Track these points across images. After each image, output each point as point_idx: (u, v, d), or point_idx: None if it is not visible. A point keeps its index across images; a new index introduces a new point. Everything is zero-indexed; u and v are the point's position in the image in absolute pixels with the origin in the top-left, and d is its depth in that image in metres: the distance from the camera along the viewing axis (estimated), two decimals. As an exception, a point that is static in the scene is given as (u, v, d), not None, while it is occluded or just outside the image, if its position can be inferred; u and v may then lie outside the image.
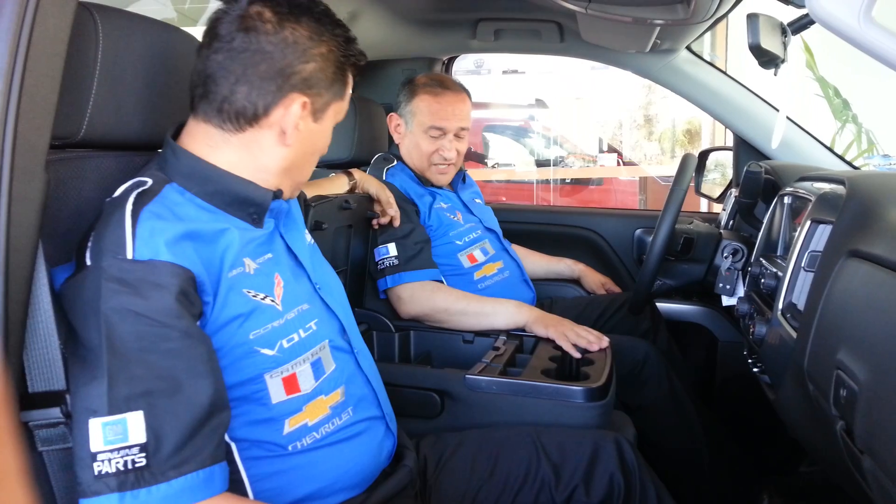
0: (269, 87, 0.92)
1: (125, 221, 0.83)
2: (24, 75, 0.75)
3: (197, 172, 0.93)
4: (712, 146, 3.89)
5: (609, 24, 1.66)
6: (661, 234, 1.69)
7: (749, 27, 1.27)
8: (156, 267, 0.81)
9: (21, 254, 0.77)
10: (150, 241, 0.82)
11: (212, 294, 0.86)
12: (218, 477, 0.80)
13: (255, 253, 0.95)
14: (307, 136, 0.99)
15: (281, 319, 0.93)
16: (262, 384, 0.91)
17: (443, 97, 1.87)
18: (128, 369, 0.77)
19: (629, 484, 1.10)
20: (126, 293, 0.79)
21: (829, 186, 1.20)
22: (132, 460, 0.75)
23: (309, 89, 0.95)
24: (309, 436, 0.95)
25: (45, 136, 0.79)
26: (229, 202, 0.94)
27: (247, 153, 0.95)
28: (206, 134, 0.95)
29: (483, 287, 1.86)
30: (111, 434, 0.75)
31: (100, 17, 0.91)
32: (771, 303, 1.24)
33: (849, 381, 0.79)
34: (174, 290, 0.81)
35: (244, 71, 0.91)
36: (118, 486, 0.74)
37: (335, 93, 1.00)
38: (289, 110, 0.94)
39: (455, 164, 1.93)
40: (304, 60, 0.93)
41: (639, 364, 1.72)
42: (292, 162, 0.99)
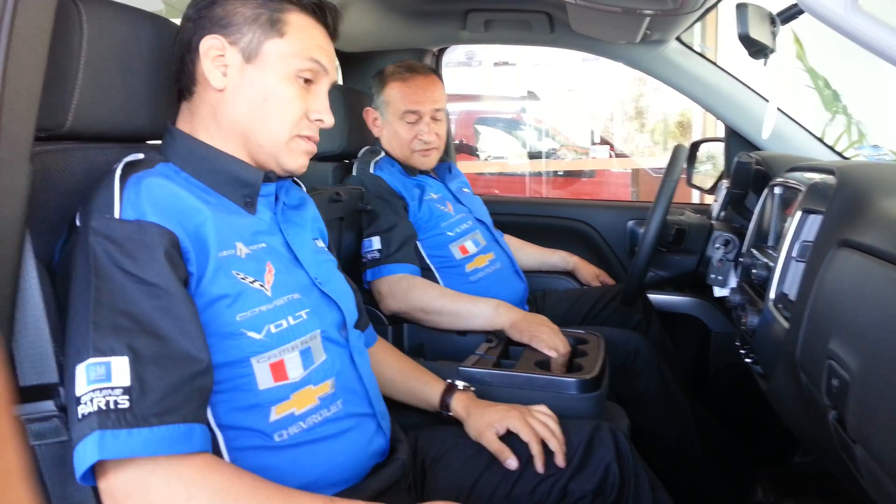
0: (185, 40, 0.97)
1: (114, 184, 0.86)
2: (6, 66, 0.73)
3: (193, 152, 0.97)
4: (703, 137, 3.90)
5: (599, 14, 1.65)
6: (652, 226, 1.69)
7: (738, 17, 1.27)
8: (142, 227, 0.84)
9: (7, 246, 0.76)
10: (137, 203, 0.85)
11: (196, 267, 0.87)
12: (198, 434, 0.80)
13: (249, 240, 0.96)
14: (248, 82, 0.97)
15: (269, 304, 0.93)
16: (249, 368, 0.90)
17: (412, 81, 1.87)
18: (114, 320, 0.78)
19: (623, 474, 1.10)
20: (114, 250, 0.81)
21: (820, 176, 1.20)
22: (115, 401, 0.75)
23: (223, 29, 0.96)
24: (296, 425, 0.94)
25: (30, 128, 0.78)
26: (224, 181, 0.97)
27: (200, 119, 0.99)
28: (183, 117, 1.01)
29: (475, 279, 1.86)
30: (94, 374, 0.76)
31: (84, 6, 0.89)
32: (762, 293, 1.24)
33: (840, 370, 0.79)
34: (161, 250, 0.83)
35: (177, 40, 0.99)
36: (99, 424, 0.74)
37: (264, 30, 0.97)
38: (206, 56, 0.96)
39: (437, 147, 1.92)
40: (208, 3, 0.97)
41: (631, 355, 1.72)
42: (237, 114, 0.98)
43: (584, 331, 1.59)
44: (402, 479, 1.07)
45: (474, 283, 1.84)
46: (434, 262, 1.83)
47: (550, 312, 1.99)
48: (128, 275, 0.81)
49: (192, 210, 0.90)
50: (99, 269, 0.80)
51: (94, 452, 0.73)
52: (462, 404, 1.21)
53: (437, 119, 1.90)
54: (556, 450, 1.10)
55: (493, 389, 1.33)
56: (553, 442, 1.11)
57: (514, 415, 1.14)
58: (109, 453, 0.74)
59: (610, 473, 1.10)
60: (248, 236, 0.96)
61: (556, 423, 1.15)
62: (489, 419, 1.15)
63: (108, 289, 0.79)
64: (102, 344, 0.77)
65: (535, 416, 1.14)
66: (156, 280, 0.81)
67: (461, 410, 1.21)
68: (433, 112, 1.88)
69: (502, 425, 1.13)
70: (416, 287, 1.67)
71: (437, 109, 1.89)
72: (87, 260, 0.81)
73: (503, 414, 1.15)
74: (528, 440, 1.10)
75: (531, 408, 1.17)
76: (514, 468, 1.09)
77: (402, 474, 1.07)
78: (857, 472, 0.80)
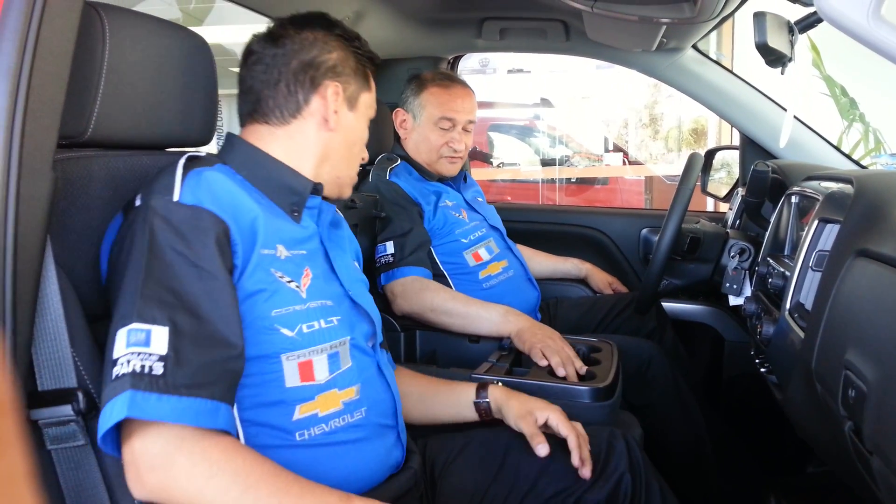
0: (303, 79, 1.06)
1: (176, 171, 0.93)
2: (31, 75, 0.75)
3: (250, 158, 1.04)
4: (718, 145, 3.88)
5: (615, 22, 1.65)
6: (667, 234, 1.69)
7: (756, 26, 1.27)
8: (198, 212, 0.89)
9: (29, 252, 0.77)
10: (196, 191, 0.91)
11: (241, 260, 0.92)
12: (224, 414, 0.82)
13: (290, 245, 1.00)
14: (346, 123, 1.11)
15: (303, 305, 0.97)
16: (279, 364, 0.93)
17: (452, 90, 1.92)
18: (160, 293, 0.82)
19: (636, 484, 1.10)
20: (169, 230, 0.86)
21: (837, 185, 1.19)
22: (150, 366, 0.78)
23: (338, 76, 1.09)
24: (318, 426, 0.95)
25: (53, 136, 0.80)
26: (275, 187, 1.03)
27: (292, 143, 1.07)
28: (258, 132, 1.07)
29: (488, 286, 1.86)
30: (133, 338, 0.79)
31: (107, 16, 0.91)
32: (778, 302, 1.24)
33: (857, 381, 0.79)
34: (212, 237, 0.88)
35: (280, 72, 1.06)
36: (132, 385, 0.76)
37: (361, 83, 1.13)
38: (326, 97, 1.07)
39: (463, 157, 1.96)
40: (326, 52, 1.08)
41: (644, 364, 1.71)
42: (333, 149, 1.10)
43: (597, 339, 1.59)
44: (414, 488, 1.07)
45: (487, 290, 1.85)
46: (448, 269, 1.83)
47: (563, 320, 1.99)
48: (179, 255, 0.85)
49: (245, 206, 0.96)
50: (154, 244, 0.85)
51: (122, 410, 0.75)
52: (500, 392, 1.21)
53: (467, 130, 1.94)
54: (586, 459, 1.09)
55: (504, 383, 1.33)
56: (585, 450, 1.10)
57: (555, 408, 1.15)
58: (137, 413, 0.76)
59: (622, 483, 1.09)
60: (290, 241, 1.00)
61: (587, 442, 1.13)
62: (531, 406, 1.16)
63: (158, 264, 0.84)
64: (146, 313, 0.80)
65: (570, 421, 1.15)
66: (204, 264, 0.86)
67: (499, 398, 1.20)
68: (466, 123, 1.93)
69: (542, 415, 1.14)
70: (428, 288, 1.68)
71: (470, 121, 1.94)
72: (143, 235, 0.85)
73: (545, 405, 1.16)
74: (568, 434, 1.10)
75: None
76: (543, 454, 1.09)
77: (414, 483, 1.07)
78: (873, 483, 0.79)
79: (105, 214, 0.96)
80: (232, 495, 0.78)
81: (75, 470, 0.82)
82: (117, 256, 0.89)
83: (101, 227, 0.95)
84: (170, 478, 0.77)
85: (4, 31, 0.74)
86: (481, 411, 1.21)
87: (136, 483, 0.78)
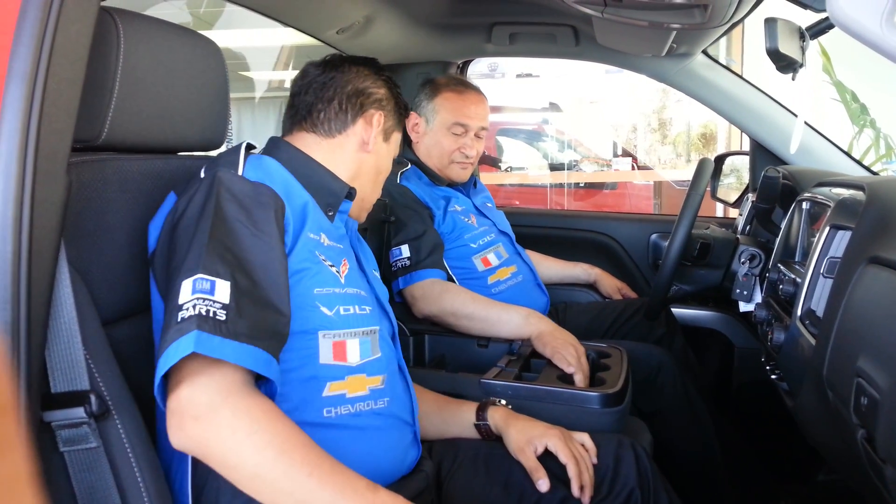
0: (354, 102, 1.18)
1: (240, 152, 1.03)
2: (46, 79, 0.75)
3: (294, 157, 1.13)
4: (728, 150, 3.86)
5: (625, 27, 1.65)
6: (677, 239, 1.68)
7: (767, 32, 1.27)
8: (258, 187, 0.97)
9: (43, 255, 0.77)
10: (257, 170, 1.01)
11: (292, 238, 0.99)
12: (275, 368, 0.86)
13: (331, 236, 1.08)
14: (379, 151, 1.21)
15: (341, 289, 1.04)
16: (315, 341, 0.98)
17: (466, 95, 1.92)
18: (223, 252, 0.87)
19: (644, 493, 1.09)
20: (233, 201, 0.93)
21: (849, 192, 1.19)
22: (214, 311, 0.82)
23: (382, 108, 1.21)
24: (344, 406, 0.99)
25: (67, 140, 0.80)
26: (316, 185, 1.11)
27: (332, 155, 1.17)
28: (304, 139, 1.17)
29: (497, 291, 1.86)
30: (199, 286, 0.84)
31: (121, 21, 0.92)
32: (789, 309, 1.23)
33: (870, 388, 0.78)
34: (271, 211, 0.95)
35: (335, 92, 1.18)
36: (198, 325, 0.80)
37: (397, 122, 1.25)
38: (370, 122, 1.18)
39: (474, 163, 1.96)
40: (376, 86, 1.21)
41: (654, 370, 1.71)
42: (365, 170, 1.20)
43: (606, 344, 1.58)
44: (426, 491, 1.07)
45: (496, 295, 1.85)
46: (457, 274, 1.83)
47: (572, 325, 1.98)
48: (240, 223, 0.91)
49: (297, 192, 1.05)
50: (218, 210, 0.91)
51: (189, 346, 0.79)
52: (500, 415, 1.21)
53: (479, 136, 1.95)
54: (587, 485, 1.08)
55: (514, 402, 1.33)
56: (585, 477, 1.09)
57: (554, 433, 1.13)
58: (204, 349, 0.80)
59: (632, 498, 1.09)
60: (329, 233, 1.08)
61: (593, 455, 1.13)
62: (529, 435, 1.14)
63: (221, 226, 0.90)
64: (210, 266, 0.85)
65: (574, 442, 1.14)
66: (263, 235, 0.92)
67: (499, 423, 1.20)
68: (479, 129, 1.93)
69: (542, 442, 1.13)
70: (448, 291, 1.68)
71: (482, 128, 1.94)
72: (207, 200, 0.92)
73: (543, 430, 1.14)
74: (566, 461, 1.09)
75: (573, 434, 1.16)
76: (544, 490, 1.08)
77: (426, 486, 1.07)
78: (885, 491, 0.79)
79: (118, 218, 0.97)
80: (267, 455, 0.79)
81: (88, 472, 0.82)
82: (176, 220, 0.94)
83: (115, 230, 0.96)
84: (212, 429, 0.80)
85: (21, 35, 0.74)
86: (482, 433, 1.22)
87: (178, 431, 0.81)
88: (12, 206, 0.74)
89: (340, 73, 1.19)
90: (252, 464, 0.79)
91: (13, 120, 0.74)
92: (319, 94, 1.17)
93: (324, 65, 1.21)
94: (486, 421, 1.21)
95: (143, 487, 0.83)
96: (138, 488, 0.83)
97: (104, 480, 0.82)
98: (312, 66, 1.21)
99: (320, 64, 1.21)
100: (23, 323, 0.75)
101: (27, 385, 0.76)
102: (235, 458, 0.80)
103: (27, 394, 0.76)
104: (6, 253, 0.74)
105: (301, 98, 1.19)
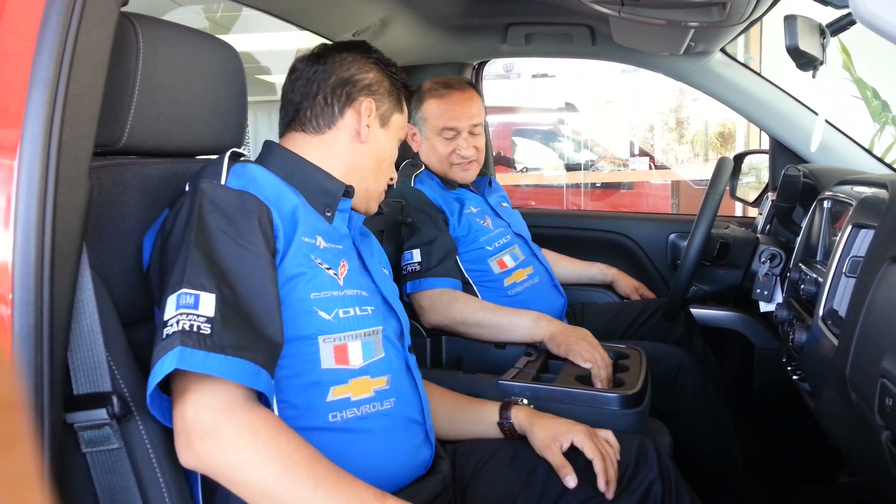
0: (340, 93, 1.14)
1: (223, 162, 1.01)
2: (68, 85, 0.76)
3: (287, 160, 1.11)
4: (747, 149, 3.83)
5: (642, 26, 1.64)
6: (696, 239, 1.67)
7: (787, 29, 1.25)
8: (243, 196, 0.96)
9: (65, 258, 0.78)
10: (241, 179, 0.99)
11: (283, 244, 0.98)
12: (265, 379, 0.85)
13: (327, 238, 1.06)
14: (376, 139, 1.17)
15: (340, 291, 1.02)
16: (315, 346, 0.98)
17: (449, 97, 1.87)
18: (208, 264, 0.87)
19: (666, 493, 1.08)
20: (215, 211, 0.92)
21: (871, 190, 1.17)
22: (198, 326, 0.82)
23: (373, 94, 1.16)
24: (350, 410, 0.98)
25: (89, 144, 0.81)
26: (311, 188, 1.09)
27: (326, 151, 1.14)
28: (295, 140, 1.15)
29: (514, 294, 1.85)
30: (183, 301, 0.84)
31: (140, 26, 0.93)
32: (811, 309, 1.22)
33: (894, 389, 0.77)
34: (256, 219, 0.94)
35: (319, 86, 1.14)
36: (181, 342, 0.80)
37: (394, 104, 1.20)
38: (359, 112, 1.14)
39: (476, 160, 1.91)
40: (364, 71, 1.16)
41: (673, 371, 1.69)
42: (363, 161, 1.16)
43: (625, 345, 1.58)
44: (443, 493, 1.07)
45: (513, 297, 1.84)
46: (473, 277, 1.83)
47: (590, 326, 1.97)
48: (224, 234, 0.91)
49: (287, 196, 1.03)
50: (201, 223, 0.90)
51: (172, 363, 0.80)
52: (524, 414, 1.20)
53: (474, 133, 1.89)
54: (612, 480, 1.07)
55: (533, 403, 1.32)
56: (611, 472, 1.08)
57: (580, 429, 1.13)
58: (186, 365, 0.80)
59: (652, 492, 1.08)
60: (327, 235, 1.06)
61: (617, 452, 1.12)
62: (555, 432, 1.13)
63: (205, 240, 0.89)
64: (194, 280, 0.85)
65: (599, 439, 1.13)
66: (247, 244, 0.92)
67: (523, 421, 1.19)
68: (470, 127, 1.88)
69: (567, 439, 1.12)
70: (457, 300, 1.67)
71: (474, 125, 1.88)
72: (191, 214, 0.91)
73: (569, 427, 1.14)
74: (593, 457, 1.09)
75: (597, 431, 1.15)
76: (572, 486, 1.07)
77: (443, 489, 1.07)
78: (912, 495, 0.78)
79: (138, 221, 0.97)
80: (273, 471, 0.80)
81: (109, 473, 0.83)
82: (165, 237, 0.94)
83: (135, 233, 0.97)
84: (218, 447, 0.81)
85: (43, 42, 0.75)
86: (505, 431, 1.21)
87: (187, 450, 0.82)
88: (35, 210, 0.75)
89: (324, 64, 1.15)
90: (258, 480, 0.80)
91: (36, 125, 0.75)
92: (304, 91, 1.14)
93: (309, 59, 1.17)
94: (510, 420, 1.20)
95: (165, 488, 0.84)
96: (160, 489, 0.84)
97: (126, 481, 0.83)
98: (300, 62, 1.18)
99: (306, 58, 1.17)
100: (45, 325, 0.76)
101: (50, 387, 0.77)
102: (242, 475, 0.81)
103: (50, 395, 0.76)
104: (29, 256, 0.75)
105: (289, 97, 1.16)
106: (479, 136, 1.91)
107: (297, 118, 1.14)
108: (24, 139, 0.75)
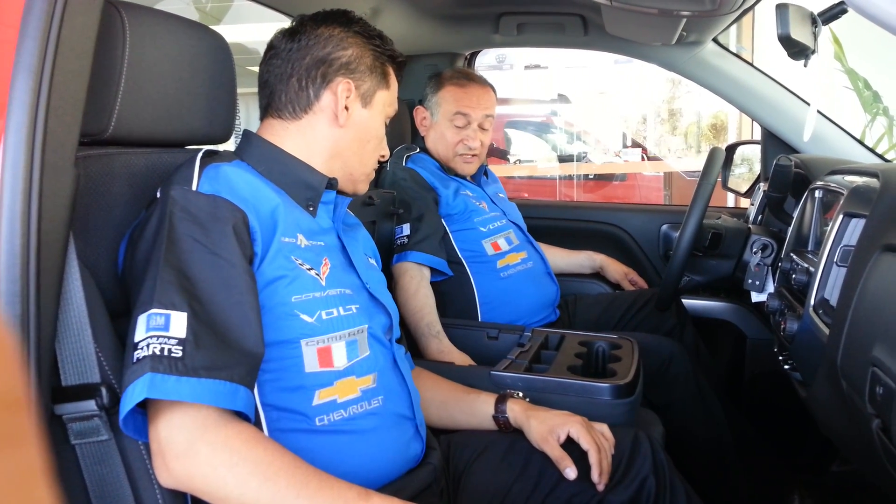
0: (315, 75, 1.07)
1: (195, 164, 0.95)
2: (52, 73, 0.75)
3: (266, 154, 1.06)
4: (739, 140, 3.83)
5: (634, 16, 1.64)
6: (688, 230, 1.67)
7: (778, 17, 1.25)
8: (216, 201, 0.91)
9: (52, 249, 0.77)
10: (214, 182, 0.94)
11: (261, 247, 0.94)
12: (243, 396, 0.83)
13: (309, 235, 1.02)
14: (358, 120, 1.10)
15: (322, 293, 0.99)
16: (298, 350, 0.95)
17: (468, 87, 1.93)
18: (179, 280, 0.84)
19: (659, 485, 1.09)
20: (188, 220, 0.88)
21: (862, 179, 1.17)
22: (169, 349, 0.79)
23: (351, 73, 1.09)
24: (337, 412, 0.96)
25: (75, 133, 0.80)
26: (292, 182, 1.05)
27: (304, 138, 1.08)
28: (272, 127, 1.09)
29: (506, 276, 1.85)
30: (153, 322, 0.81)
31: (127, 14, 0.91)
32: (802, 299, 1.22)
33: (885, 378, 0.77)
34: (230, 225, 0.90)
35: (293, 67, 1.07)
36: (151, 368, 0.78)
37: (378, 81, 1.12)
38: (337, 94, 1.07)
39: (479, 155, 1.95)
40: (342, 48, 1.08)
41: (665, 362, 1.70)
42: (345, 146, 1.10)
43: (617, 336, 1.58)
44: (434, 483, 1.07)
45: (504, 279, 1.84)
46: (465, 256, 1.84)
47: (582, 317, 1.98)
48: (197, 243, 0.87)
49: (265, 196, 0.98)
50: (172, 233, 0.86)
51: (142, 391, 0.77)
52: (519, 408, 1.19)
53: (484, 128, 1.94)
54: (605, 472, 1.07)
55: (525, 394, 1.32)
56: (605, 463, 1.08)
57: (576, 420, 1.12)
58: (156, 394, 0.77)
59: (646, 484, 1.09)
60: (309, 232, 1.02)
61: (612, 446, 1.12)
62: (551, 424, 1.13)
63: (176, 252, 0.85)
64: (165, 298, 0.82)
65: (595, 431, 1.12)
66: (221, 252, 0.88)
67: (519, 415, 1.18)
68: (482, 119, 1.93)
69: (564, 430, 1.11)
70: (422, 288, 1.69)
71: (487, 116, 1.93)
72: (161, 223, 0.87)
73: (565, 419, 1.13)
74: (588, 448, 1.08)
75: (593, 424, 1.14)
76: (572, 478, 1.07)
77: (434, 479, 1.07)
78: (902, 483, 0.78)
79: (126, 211, 0.96)
80: (252, 485, 0.79)
81: (99, 465, 0.82)
82: (135, 246, 0.90)
83: (123, 224, 0.96)
84: (194, 466, 0.79)
85: (27, 29, 0.74)
86: (500, 425, 1.21)
87: (164, 471, 0.80)
88: (20, 200, 0.74)
89: (298, 41, 1.07)
90: (238, 495, 0.79)
91: (20, 113, 0.74)
92: (278, 74, 1.07)
93: (285, 35, 1.09)
94: (505, 414, 1.20)
95: (154, 479, 0.83)
96: (149, 480, 0.83)
97: (115, 473, 0.82)
98: (276, 38, 1.10)
99: (283, 34, 1.09)
100: (32, 316, 0.75)
101: (38, 378, 0.76)
102: (221, 491, 0.80)
103: (38, 387, 0.76)
104: (15, 247, 0.74)
105: (265, 79, 1.09)
106: (486, 132, 1.95)
107: (273, 103, 1.08)
108: (8, 127, 0.74)
